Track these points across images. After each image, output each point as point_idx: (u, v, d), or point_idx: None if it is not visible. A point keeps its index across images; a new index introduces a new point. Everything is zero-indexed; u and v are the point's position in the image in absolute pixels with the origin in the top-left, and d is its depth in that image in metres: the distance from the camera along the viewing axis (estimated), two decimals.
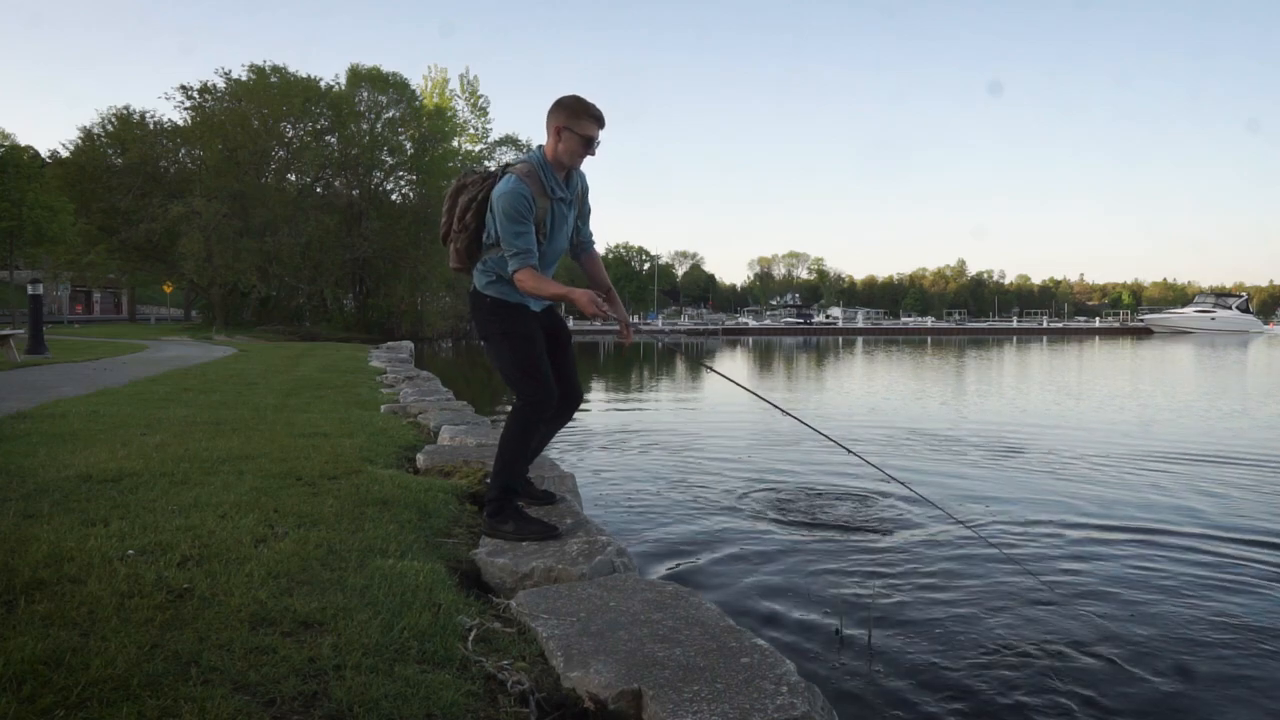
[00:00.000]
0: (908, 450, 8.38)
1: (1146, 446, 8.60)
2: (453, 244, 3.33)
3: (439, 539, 3.23)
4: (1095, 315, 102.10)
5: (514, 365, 3.24)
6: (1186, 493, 6.26)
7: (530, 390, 3.21)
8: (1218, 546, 4.75)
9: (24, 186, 33.89)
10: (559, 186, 3.24)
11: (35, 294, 13.75)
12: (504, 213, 3.10)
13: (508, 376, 3.28)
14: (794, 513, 5.40)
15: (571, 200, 3.33)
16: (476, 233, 3.28)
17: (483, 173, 3.37)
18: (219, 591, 2.37)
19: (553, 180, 3.21)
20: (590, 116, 3.17)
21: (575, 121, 3.15)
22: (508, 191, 3.10)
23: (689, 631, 2.31)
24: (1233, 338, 58.46)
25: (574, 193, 3.35)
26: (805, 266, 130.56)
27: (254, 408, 7.04)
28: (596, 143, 3.21)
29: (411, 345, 23.16)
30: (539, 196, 3.14)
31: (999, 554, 4.48)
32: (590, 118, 3.17)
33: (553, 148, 3.20)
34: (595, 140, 3.20)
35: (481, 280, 3.30)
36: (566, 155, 3.19)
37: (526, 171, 3.16)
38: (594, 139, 3.19)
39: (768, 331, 71.92)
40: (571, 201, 3.33)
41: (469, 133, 44.44)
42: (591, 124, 3.17)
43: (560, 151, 3.19)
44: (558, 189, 3.23)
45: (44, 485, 3.62)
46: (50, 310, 41.60)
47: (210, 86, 35.65)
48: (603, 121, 3.21)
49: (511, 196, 3.09)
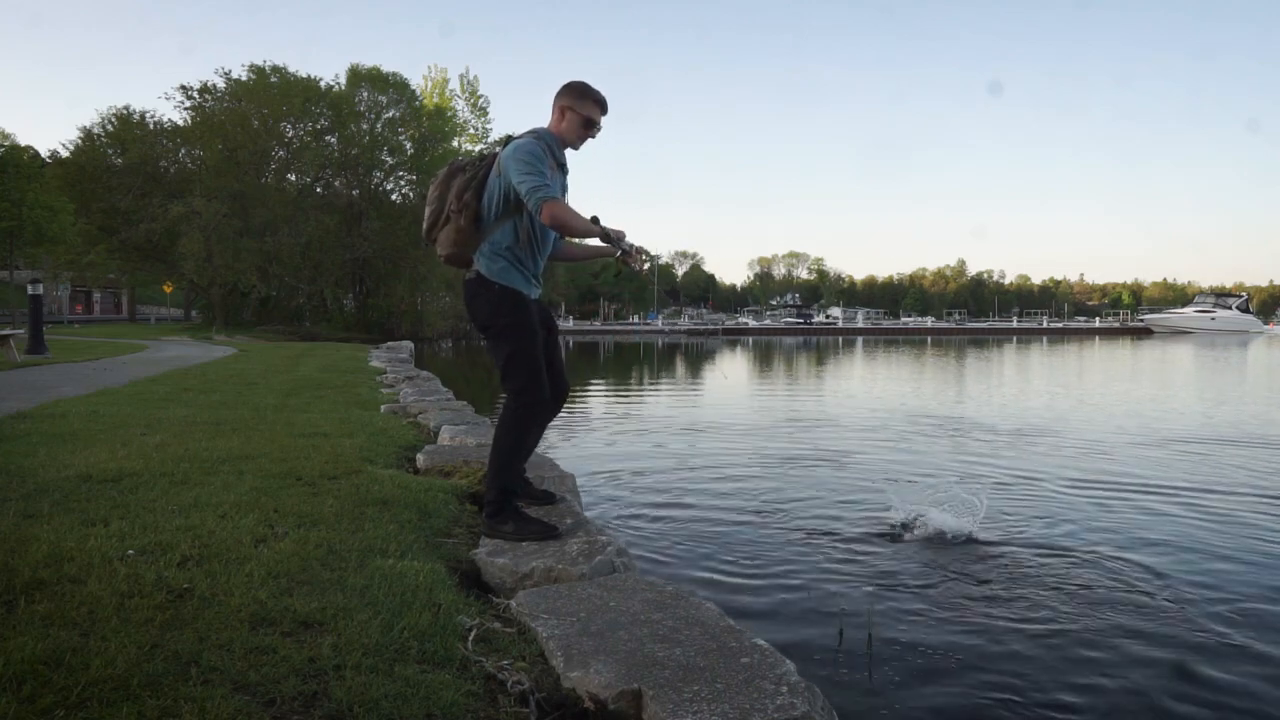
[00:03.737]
0: (916, 445, 8.38)
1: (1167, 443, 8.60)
2: (450, 225, 3.22)
3: (439, 539, 3.23)
4: (1095, 315, 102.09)
5: (516, 360, 3.20)
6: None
7: (527, 388, 3.19)
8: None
9: (24, 186, 33.87)
10: (563, 156, 3.31)
11: (35, 294, 13.74)
12: (522, 159, 3.07)
13: (507, 372, 3.22)
14: (795, 513, 5.40)
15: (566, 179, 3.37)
16: (478, 212, 3.21)
17: (477, 156, 3.36)
18: (219, 591, 2.36)
19: (559, 152, 3.28)
20: (593, 100, 3.27)
21: (579, 102, 3.25)
22: (523, 144, 3.13)
23: (689, 631, 2.31)
24: (1233, 338, 58.46)
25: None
26: (805, 266, 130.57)
27: (254, 408, 7.04)
28: (598, 126, 3.31)
29: (411, 345, 23.14)
30: (550, 159, 3.19)
31: (1000, 554, 4.48)
32: (593, 101, 3.27)
33: (557, 124, 3.28)
34: (596, 124, 3.30)
35: (486, 264, 3.21)
36: (569, 132, 3.27)
37: (536, 135, 3.23)
38: (595, 121, 3.29)
39: (768, 331, 71.91)
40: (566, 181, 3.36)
41: (469, 133, 44.47)
42: (594, 107, 3.27)
43: (564, 129, 3.27)
44: (562, 157, 3.30)
45: (44, 485, 3.62)
46: (50, 310, 41.59)
47: (210, 86, 35.66)
48: (605, 107, 3.30)
49: (528, 146, 3.12)
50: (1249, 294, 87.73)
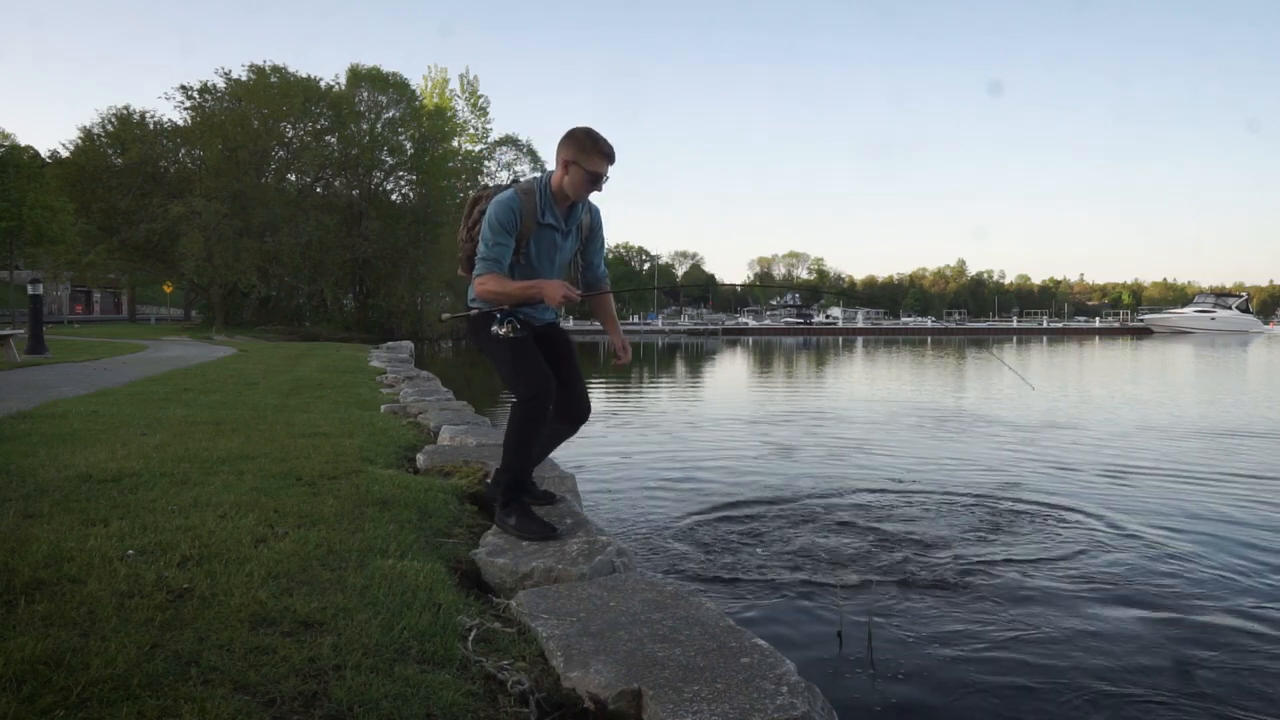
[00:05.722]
0: (917, 443, 8.38)
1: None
2: (461, 252, 3.40)
3: (439, 539, 3.23)
4: (1095, 315, 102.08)
5: (509, 365, 3.22)
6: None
7: (526, 387, 3.20)
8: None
9: (24, 186, 33.81)
10: (551, 213, 3.22)
11: (35, 294, 13.74)
12: (488, 219, 3.16)
13: (505, 377, 3.27)
14: (795, 513, 5.40)
15: (569, 231, 3.31)
16: (471, 253, 3.33)
17: (495, 188, 3.38)
18: (219, 591, 2.36)
19: (546, 206, 3.21)
20: (600, 153, 3.13)
21: (584, 156, 3.12)
22: (499, 200, 3.16)
23: (689, 631, 2.31)
24: (1233, 338, 58.44)
25: (573, 224, 3.32)
26: (805, 266, 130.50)
27: (254, 408, 7.04)
28: (605, 179, 3.17)
29: (411, 345, 23.14)
30: (527, 216, 3.16)
31: (1001, 554, 4.48)
32: (600, 154, 3.13)
33: (559, 179, 3.18)
34: (603, 176, 3.16)
35: (471, 292, 3.33)
36: (571, 188, 3.17)
37: (526, 189, 3.19)
38: (602, 175, 3.15)
39: (768, 331, 71.94)
40: (568, 233, 3.31)
41: (469, 133, 44.43)
42: (601, 160, 3.14)
43: (566, 184, 3.17)
44: (548, 215, 3.22)
45: (44, 485, 3.62)
46: (50, 310, 41.59)
47: (210, 86, 35.67)
48: (613, 158, 3.17)
49: (499, 205, 3.14)
50: (1249, 294, 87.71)
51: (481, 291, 3.18)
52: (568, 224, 3.29)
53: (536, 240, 3.23)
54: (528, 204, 3.15)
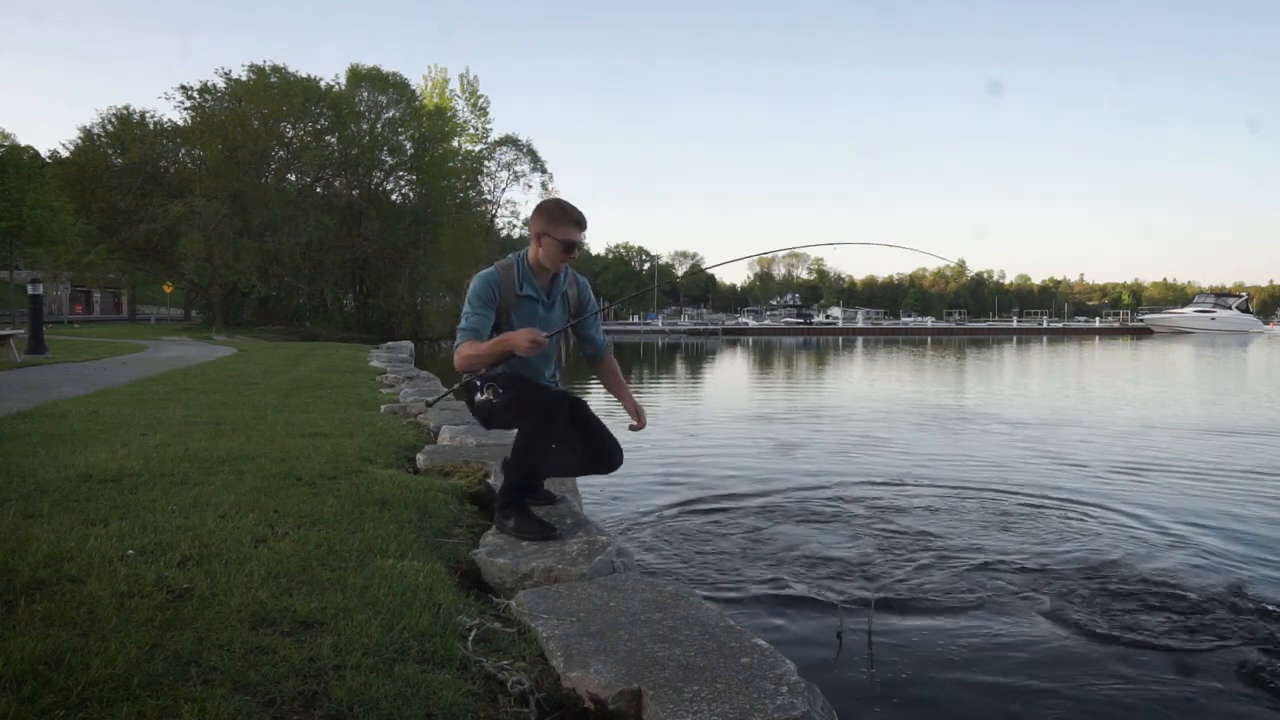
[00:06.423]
0: (918, 442, 8.38)
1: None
2: None
3: (439, 539, 3.23)
4: (1095, 315, 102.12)
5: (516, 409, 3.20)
6: None
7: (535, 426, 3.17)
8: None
9: (24, 186, 33.80)
10: (529, 286, 3.30)
11: (35, 294, 13.74)
12: (469, 293, 3.28)
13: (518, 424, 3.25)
14: (795, 513, 5.40)
15: (551, 302, 3.36)
16: None
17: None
18: (219, 591, 2.36)
19: (524, 279, 3.29)
20: (570, 221, 3.24)
21: (554, 227, 3.23)
22: (480, 275, 3.29)
23: (689, 631, 2.31)
24: (1233, 338, 58.47)
25: (556, 295, 3.38)
26: (805, 266, 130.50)
27: (254, 408, 7.04)
28: (579, 245, 3.28)
29: (411, 345, 23.16)
30: (506, 289, 3.25)
31: (1002, 554, 4.48)
32: (570, 222, 3.24)
33: (534, 252, 3.29)
34: (576, 244, 3.26)
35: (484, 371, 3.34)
36: (547, 259, 3.27)
37: (505, 264, 3.31)
38: (575, 243, 3.25)
39: (768, 331, 71.96)
40: (551, 304, 3.36)
41: (469, 133, 44.52)
42: (572, 228, 3.24)
43: (541, 256, 3.27)
44: (525, 287, 3.29)
45: (44, 485, 3.62)
46: (50, 310, 41.58)
47: (210, 86, 35.68)
48: (584, 224, 3.28)
49: (479, 280, 3.27)
50: (1249, 294, 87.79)
51: (459, 360, 3.25)
52: (550, 295, 3.36)
53: (517, 312, 3.30)
54: (506, 278, 3.26)
